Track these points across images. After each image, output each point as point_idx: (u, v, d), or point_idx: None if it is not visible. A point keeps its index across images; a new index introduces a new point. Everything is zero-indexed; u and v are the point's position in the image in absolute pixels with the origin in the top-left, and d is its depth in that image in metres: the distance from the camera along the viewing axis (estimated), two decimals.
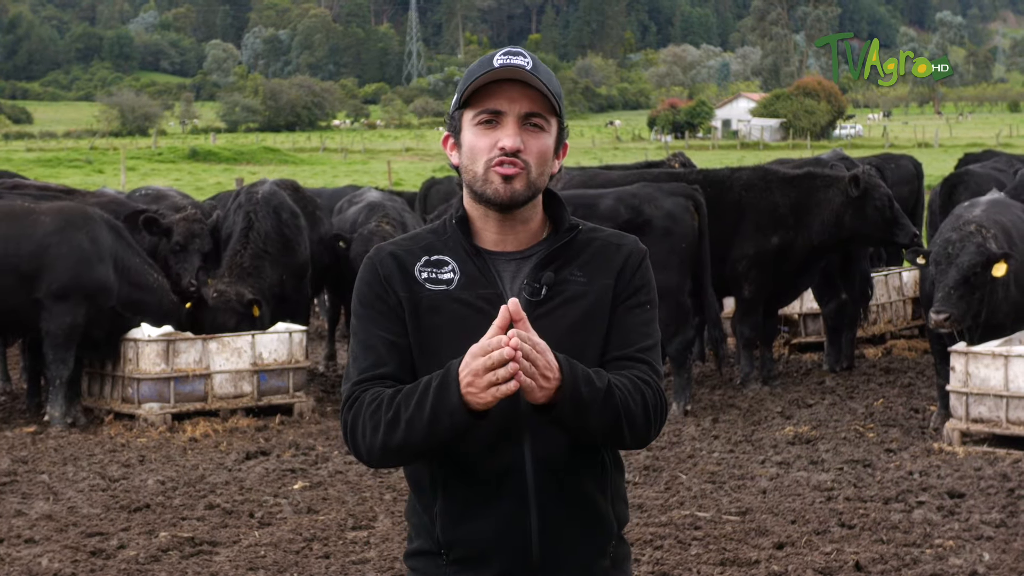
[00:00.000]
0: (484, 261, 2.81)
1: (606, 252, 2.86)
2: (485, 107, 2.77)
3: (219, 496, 7.91)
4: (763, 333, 11.22)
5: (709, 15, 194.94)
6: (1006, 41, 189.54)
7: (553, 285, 2.79)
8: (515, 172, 2.76)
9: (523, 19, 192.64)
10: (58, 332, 9.84)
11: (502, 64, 2.75)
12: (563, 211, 2.89)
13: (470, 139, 2.80)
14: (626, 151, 64.12)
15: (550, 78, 2.79)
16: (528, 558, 2.75)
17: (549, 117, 2.80)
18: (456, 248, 2.82)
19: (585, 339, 2.78)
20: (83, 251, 9.91)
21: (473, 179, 2.79)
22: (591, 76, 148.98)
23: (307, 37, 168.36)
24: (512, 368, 2.55)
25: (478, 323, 2.69)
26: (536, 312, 2.75)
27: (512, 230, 2.83)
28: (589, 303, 2.80)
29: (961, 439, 8.79)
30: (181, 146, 64.02)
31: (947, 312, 8.76)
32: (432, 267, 2.81)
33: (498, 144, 2.76)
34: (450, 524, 2.77)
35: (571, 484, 2.76)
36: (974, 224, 9.08)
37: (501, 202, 2.77)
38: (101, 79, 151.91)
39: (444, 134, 2.89)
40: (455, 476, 2.76)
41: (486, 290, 2.78)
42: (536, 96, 2.78)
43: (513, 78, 2.75)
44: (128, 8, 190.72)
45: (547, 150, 2.81)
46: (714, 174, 11.69)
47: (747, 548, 6.72)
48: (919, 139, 71.60)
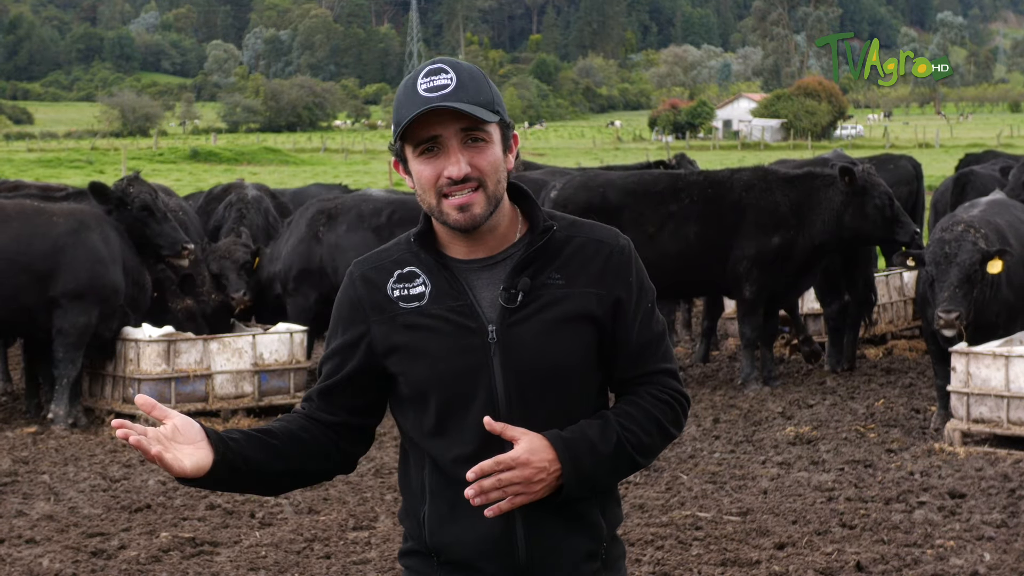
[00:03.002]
0: (452, 273, 2.79)
1: (585, 253, 2.81)
2: (421, 137, 2.74)
3: (220, 496, 7.90)
4: (764, 333, 11.22)
5: (710, 15, 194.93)
6: (1007, 41, 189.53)
7: (530, 290, 2.76)
8: (470, 199, 2.72)
9: (524, 19, 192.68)
10: (71, 331, 9.91)
11: (425, 91, 2.69)
12: (536, 210, 2.85)
13: (417, 170, 2.77)
14: (627, 151, 64.11)
15: (478, 88, 2.72)
16: (515, 564, 2.76)
17: (487, 127, 2.75)
18: (425, 260, 2.81)
19: (565, 344, 2.76)
20: (98, 252, 10.01)
21: (430, 209, 2.78)
22: (592, 76, 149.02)
23: (308, 37, 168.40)
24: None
25: (450, 337, 2.74)
26: (512, 319, 2.74)
27: (481, 240, 2.80)
28: (567, 308, 2.77)
29: (962, 439, 8.78)
30: (182, 146, 64.05)
31: (957, 311, 8.76)
32: (404, 281, 2.81)
33: (444, 174, 2.72)
34: (437, 529, 2.79)
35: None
36: (963, 224, 9.10)
37: (464, 228, 2.75)
38: (102, 79, 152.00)
39: (393, 159, 2.87)
40: (442, 482, 2.78)
41: (457, 302, 2.77)
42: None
43: (441, 109, 2.69)
44: (129, 9, 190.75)
45: (496, 160, 2.75)
46: (715, 175, 11.69)
47: (748, 548, 6.72)
48: (920, 139, 71.60)
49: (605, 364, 2.83)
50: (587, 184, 11.43)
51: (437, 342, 2.75)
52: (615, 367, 2.83)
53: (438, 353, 2.73)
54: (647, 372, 2.84)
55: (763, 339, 11.23)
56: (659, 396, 2.82)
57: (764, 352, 11.24)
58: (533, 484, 2.66)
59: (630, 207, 11.04)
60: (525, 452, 2.66)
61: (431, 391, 2.76)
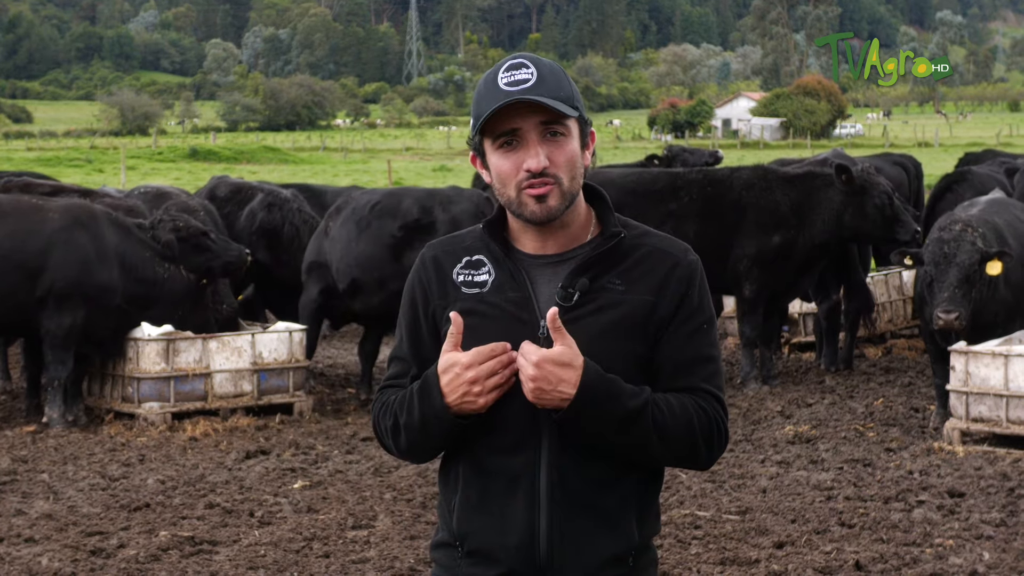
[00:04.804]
0: (516, 265, 2.81)
1: (650, 262, 2.82)
2: (501, 130, 2.76)
3: (219, 495, 7.91)
4: (763, 333, 11.23)
5: (709, 14, 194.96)
6: (1006, 40, 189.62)
7: (588, 292, 2.77)
8: (547, 190, 2.74)
9: (523, 18, 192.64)
10: (58, 332, 9.81)
11: (506, 84, 2.72)
12: (609, 214, 2.86)
13: (496, 163, 2.79)
14: (626, 151, 64.07)
15: (559, 83, 2.75)
16: (535, 559, 2.76)
17: (567, 121, 2.77)
18: (495, 250, 2.84)
19: (613, 348, 2.75)
20: (85, 251, 9.84)
21: (508, 202, 2.79)
22: (591, 75, 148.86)
23: (307, 36, 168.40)
24: (494, 380, 2.69)
25: (505, 326, 2.76)
26: (565, 317, 2.74)
27: (552, 235, 2.82)
28: (622, 312, 2.77)
29: (961, 438, 8.79)
30: (181, 145, 64.02)
31: (957, 311, 8.76)
32: (470, 268, 2.84)
33: (523, 167, 2.74)
34: (464, 517, 2.80)
35: (586, 491, 2.76)
36: (961, 223, 9.10)
37: (539, 221, 2.77)
38: (101, 78, 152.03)
39: (470, 153, 2.89)
40: (473, 472, 2.80)
41: (515, 294, 2.79)
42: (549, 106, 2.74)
43: (521, 102, 2.71)
44: (128, 7, 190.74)
45: (574, 156, 2.78)
46: (714, 173, 11.69)
47: (747, 547, 6.72)
48: (919, 139, 71.61)
49: (651, 375, 2.81)
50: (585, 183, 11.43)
51: (488, 329, 2.76)
52: (660, 376, 2.81)
53: (487, 340, 2.73)
54: (692, 387, 2.81)
55: (762, 338, 11.23)
56: (700, 405, 2.79)
57: (763, 351, 11.24)
58: (531, 383, 2.66)
59: (629, 206, 11.03)
60: (541, 357, 2.66)
61: None
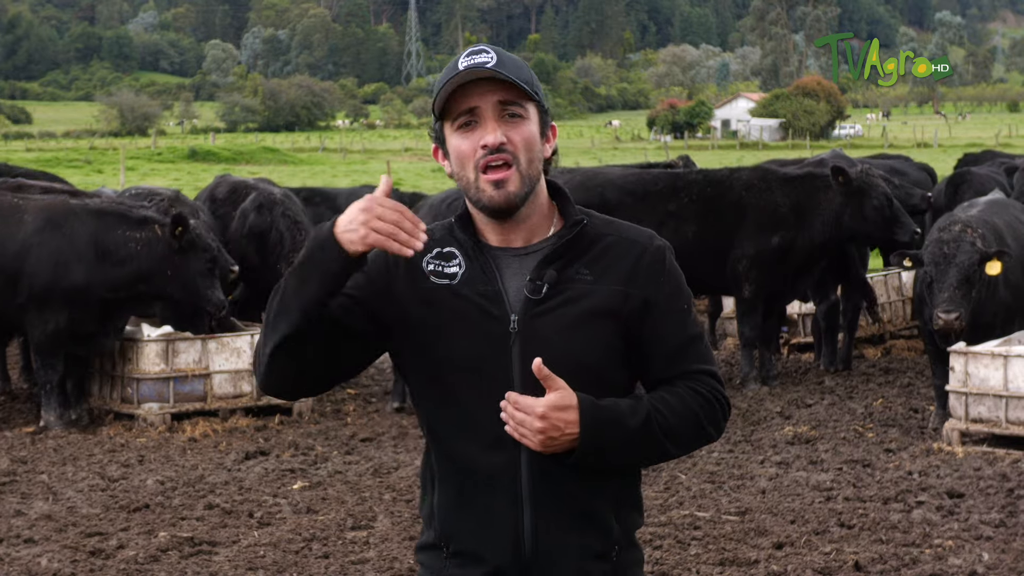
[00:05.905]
0: (486, 258, 2.80)
1: (617, 251, 2.83)
2: (459, 109, 2.76)
3: (218, 496, 7.91)
4: (763, 333, 11.22)
5: (708, 15, 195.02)
6: (1005, 41, 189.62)
7: (556, 283, 2.77)
8: (505, 175, 2.74)
9: (522, 19, 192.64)
10: (41, 338, 9.66)
11: (465, 66, 2.73)
12: (570, 206, 2.87)
13: (455, 145, 2.79)
14: (625, 151, 64.11)
15: (518, 68, 2.77)
16: (520, 557, 2.75)
17: (525, 104, 2.78)
18: (464, 243, 2.83)
19: (585, 340, 2.76)
20: (60, 253, 9.60)
21: (467, 187, 2.78)
22: (590, 76, 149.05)
23: (306, 37, 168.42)
24: (387, 227, 2.60)
25: (475, 320, 2.75)
26: (535, 311, 2.75)
27: (515, 228, 2.82)
28: (593, 303, 2.77)
29: (960, 439, 8.78)
30: (180, 146, 63.97)
31: (957, 311, 8.76)
32: (441, 259, 2.81)
33: (480, 143, 2.74)
34: (446, 517, 2.79)
35: (568, 488, 2.75)
36: (960, 224, 9.10)
37: (498, 208, 2.76)
38: (100, 79, 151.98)
39: (433, 146, 2.89)
40: (453, 471, 2.78)
41: (486, 287, 2.78)
42: (508, 86, 2.75)
43: (479, 77, 2.73)
44: (127, 8, 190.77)
45: (531, 137, 2.78)
46: (714, 174, 11.69)
47: (746, 548, 6.72)
48: (918, 139, 71.58)
49: (631, 364, 2.82)
50: (585, 184, 11.43)
51: (459, 324, 2.75)
52: (651, 368, 2.83)
53: (458, 335, 2.73)
54: (686, 371, 2.83)
55: (762, 339, 11.23)
56: (698, 390, 2.82)
57: (763, 352, 11.24)
58: (540, 435, 2.66)
59: (629, 206, 11.04)
60: (546, 407, 2.66)
61: (447, 372, 2.77)
